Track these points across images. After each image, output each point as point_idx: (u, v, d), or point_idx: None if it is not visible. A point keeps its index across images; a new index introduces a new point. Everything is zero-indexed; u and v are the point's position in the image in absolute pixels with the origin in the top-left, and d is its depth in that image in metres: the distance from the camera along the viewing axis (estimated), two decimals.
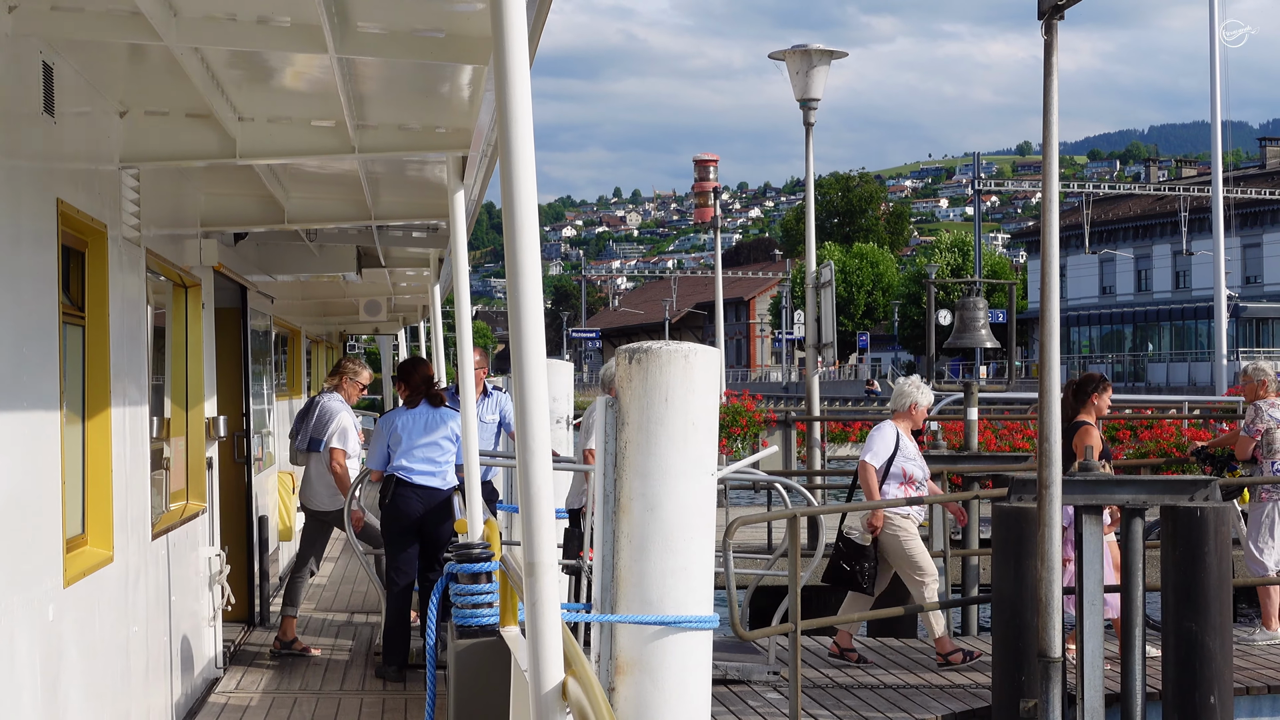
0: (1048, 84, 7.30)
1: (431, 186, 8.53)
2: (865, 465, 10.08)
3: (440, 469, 9.49)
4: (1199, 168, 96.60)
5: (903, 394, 10.39)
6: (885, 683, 9.54)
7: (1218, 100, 26.11)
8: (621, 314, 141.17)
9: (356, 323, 21.00)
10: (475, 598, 6.63)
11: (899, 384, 10.69)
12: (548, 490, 3.55)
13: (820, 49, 14.73)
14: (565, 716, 3.56)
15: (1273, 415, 10.66)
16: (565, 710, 3.55)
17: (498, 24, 3.37)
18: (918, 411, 10.36)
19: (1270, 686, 9.33)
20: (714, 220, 27.04)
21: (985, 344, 13.20)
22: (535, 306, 3.47)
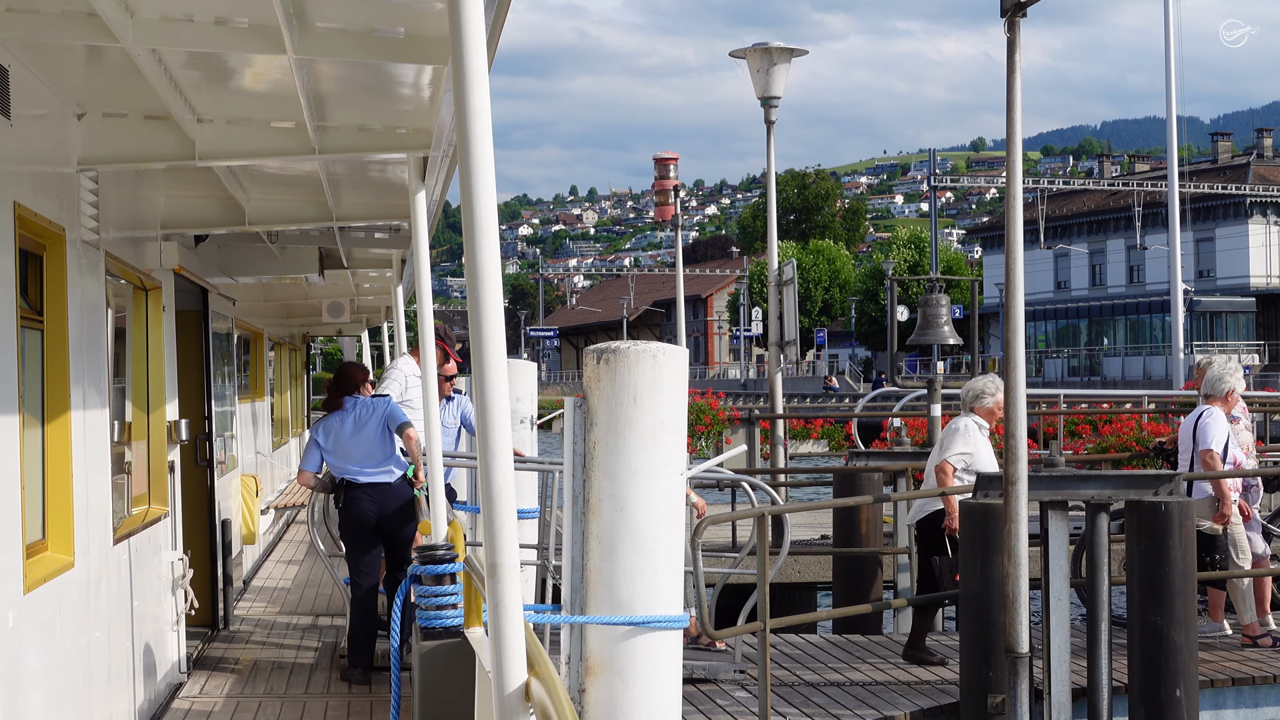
0: (1011, 80, 7.31)
1: (393, 187, 8.49)
2: (1213, 454, 10.23)
3: (382, 462, 9.47)
4: (1152, 163, 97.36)
5: (1222, 380, 10.50)
6: (853, 680, 9.55)
7: (1173, 97, 26.31)
8: (579, 312, 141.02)
9: (320, 324, 20.92)
10: (439, 599, 6.61)
11: (1214, 369, 10.76)
12: (509, 490, 3.53)
13: (780, 47, 14.73)
14: (529, 717, 3.55)
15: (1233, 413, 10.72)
16: (529, 711, 3.54)
17: (455, 23, 3.35)
18: (1233, 398, 10.55)
19: (1235, 679, 9.39)
20: (675, 218, 27.03)
21: (948, 340, 13.23)
22: (495, 306, 3.46)
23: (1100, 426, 17.41)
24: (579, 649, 4.79)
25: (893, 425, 15.87)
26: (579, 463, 4.77)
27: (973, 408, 10.21)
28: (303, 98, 5.84)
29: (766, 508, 8.81)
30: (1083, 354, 79.65)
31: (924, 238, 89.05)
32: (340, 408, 9.63)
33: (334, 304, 17.35)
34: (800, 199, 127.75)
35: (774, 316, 14.02)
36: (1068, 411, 20.42)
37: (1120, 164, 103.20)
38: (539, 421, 11.54)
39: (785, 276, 13.96)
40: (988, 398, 10.17)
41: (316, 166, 7.56)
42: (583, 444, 4.75)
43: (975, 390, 10.27)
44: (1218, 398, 10.49)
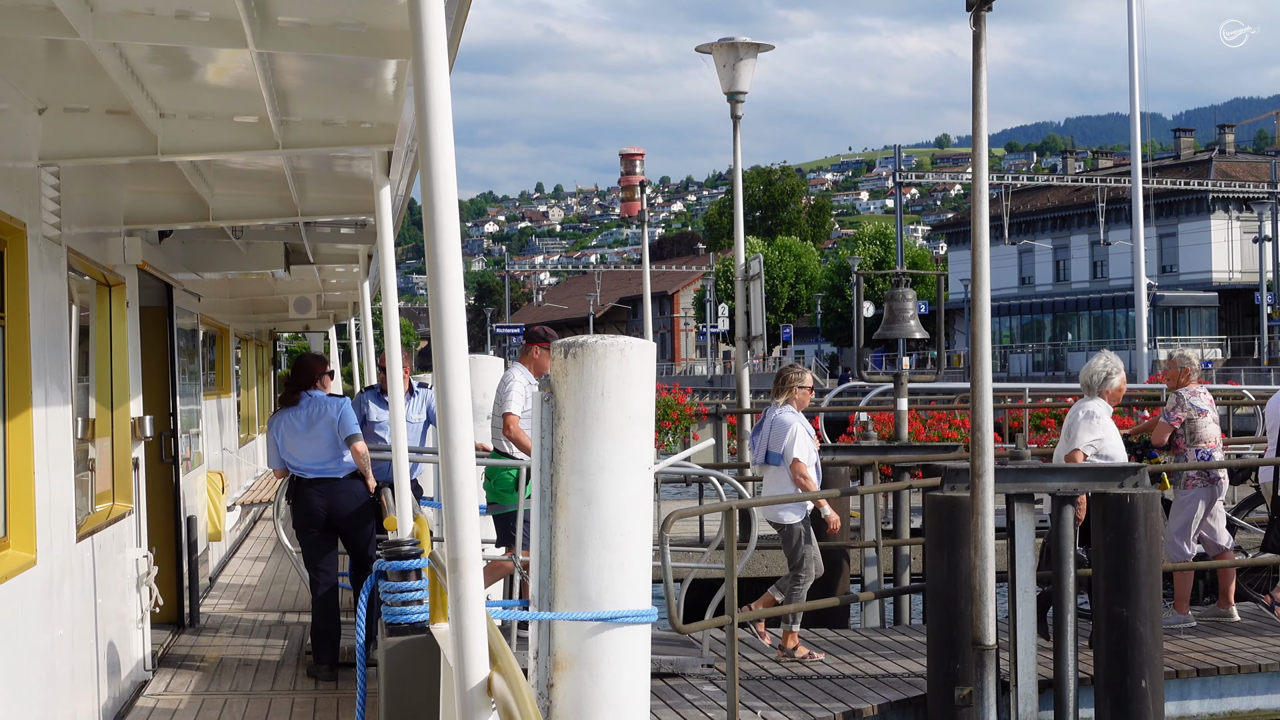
0: (976, 75, 7.33)
1: (359, 182, 8.45)
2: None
3: (331, 459, 9.45)
4: (1115, 159, 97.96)
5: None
6: (820, 673, 9.56)
7: (1137, 93, 26.45)
8: (546, 309, 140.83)
9: (286, 320, 20.83)
10: (405, 595, 6.60)
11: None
12: (471, 485, 3.55)
13: (747, 42, 14.74)
14: (491, 712, 3.55)
15: (1194, 403, 10.76)
16: (491, 706, 3.54)
17: (415, 18, 3.34)
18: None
19: (1199, 670, 9.45)
20: (641, 214, 27.01)
21: (914, 335, 13.26)
22: (456, 302, 3.47)
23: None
24: (547, 644, 4.78)
25: (859, 420, 15.93)
26: (547, 457, 4.76)
27: (1101, 391, 10.17)
28: (265, 92, 5.81)
29: (734, 502, 8.81)
30: (1047, 349, 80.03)
31: (889, 234, 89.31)
32: (295, 403, 9.60)
33: (300, 300, 17.28)
34: (766, 195, 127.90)
35: (741, 311, 14.03)
36: (1033, 405, 20.52)
37: (1084, 160, 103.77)
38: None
39: (752, 271, 13.97)
40: (1114, 378, 10.15)
41: (281, 161, 7.53)
42: (550, 438, 4.74)
43: (1102, 373, 10.23)
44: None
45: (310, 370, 9.73)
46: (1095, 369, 10.26)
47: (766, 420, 10.23)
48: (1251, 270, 72.73)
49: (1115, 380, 10.18)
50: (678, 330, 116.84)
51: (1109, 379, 10.18)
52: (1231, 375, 53.34)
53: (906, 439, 12.68)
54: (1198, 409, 10.68)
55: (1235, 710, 9.58)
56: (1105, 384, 10.18)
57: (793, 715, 8.50)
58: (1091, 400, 10.16)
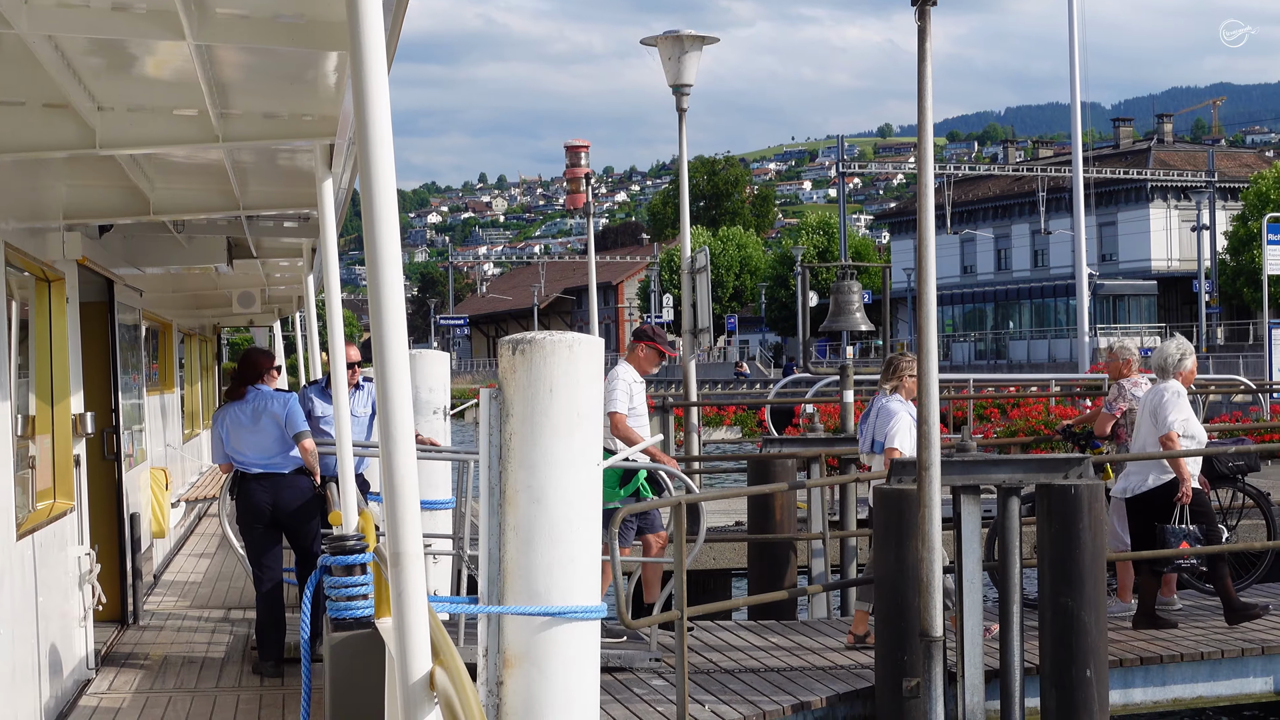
0: (921, 70, 7.34)
1: (302, 175, 8.37)
2: None
3: (277, 454, 9.39)
4: (1055, 148, 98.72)
5: None
6: (769, 666, 9.58)
7: (1077, 84, 26.64)
8: (490, 300, 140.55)
9: (230, 315, 20.69)
10: (350, 590, 6.56)
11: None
12: (412, 480, 3.56)
13: (692, 35, 14.73)
14: (433, 706, 3.55)
15: (1135, 394, 10.83)
16: (433, 700, 3.54)
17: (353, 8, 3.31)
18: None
19: (1143, 658, 9.53)
20: (587, 206, 26.99)
21: (860, 327, 13.31)
22: (396, 294, 3.47)
23: (1009, 410, 17.63)
24: (496, 641, 4.76)
25: (806, 411, 15.95)
26: (495, 454, 4.73)
27: (1176, 373, 10.29)
28: (204, 85, 5.74)
29: (683, 496, 8.80)
30: (989, 338, 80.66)
31: (833, 223, 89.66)
32: (241, 397, 9.52)
33: (244, 294, 17.15)
34: (710, 185, 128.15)
35: (687, 304, 14.02)
36: (977, 396, 20.64)
37: (1024, 149, 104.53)
38: (452, 411, 11.47)
39: (698, 264, 13.97)
40: (1187, 360, 10.29)
41: (222, 155, 7.44)
42: (499, 435, 4.72)
43: (1176, 355, 10.34)
44: None
45: (256, 365, 9.66)
46: (1169, 352, 10.41)
47: (874, 408, 10.19)
48: (1190, 259, 73.52)
49: (1188, 362, 10.37)
50: (622, 321, 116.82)
51: (1182, 360, 10.36)
52: None
53: (852, 431, 12.71)
54: (1139, 399, 10.76)
55: (1178, 698, 9.67)
56: (1179, 365, 10.35)
57: (742, 709, 8.51)
58: (1168, 381, 10.33)
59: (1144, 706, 9.66)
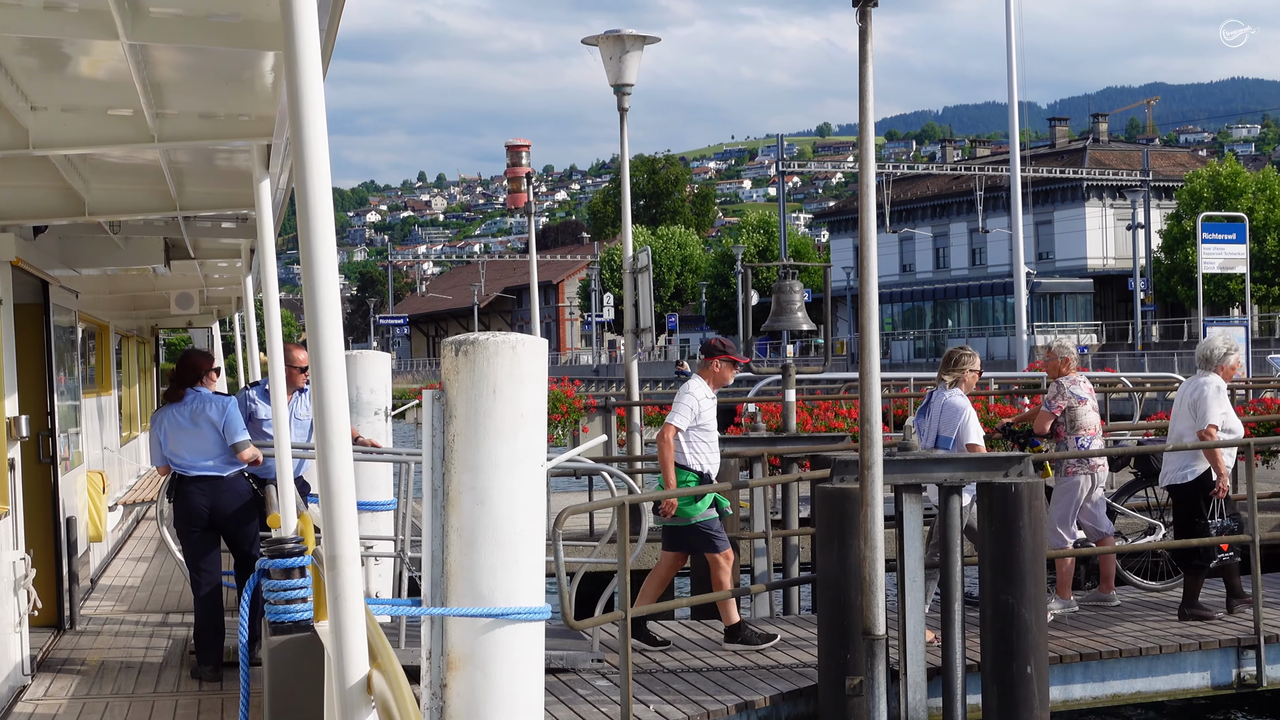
0: (863, 69, 7.37)
1: (239, 175, 8.30)
2: None
3: (215, 456, 9.31)
4: (992, 147, 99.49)
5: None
6: (712, 665, 9.58)
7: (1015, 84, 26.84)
8: (430, 300, 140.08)
9: (168, 316, 20.49)
10: (288, 593, 6.53)
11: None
12: (349, 482, 3.56)
13: (633, 34, 14.72)
14: (370, 710, 3.54)
15: (1074, 391, 10.91)
16: (370, 703, 3.53)
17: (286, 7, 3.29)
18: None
19: (1082, 654, 9.61)
20: (528, 206, 26.95)
21: (802, 326, 13.34)
22: (331, 294, 3.47)
23: None
24: (440, 643, 4.74)
25: (747, 410, 15.98)
26: (438, 455, 4.71)
27: (1218, 366, 10.42)
28: (139, 85, 5.68)
29: (628, 496, 8.79)
30: (928, 336, 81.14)
31: (772, 222, 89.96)
32: (179, 399, 9.43)
33: (183, 295, 16.99)
34: (650, 184, 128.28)
35: (629, 304, 14.02)
36: (917, 394, 20.71)
37: (962, 149, 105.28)
38: (393, 412, 11.40)
39: (640, 264, 13.96)
40: (1232, 356, 10.42)
41: (158, 155, 7.37)
42: (442, 437, 4.69)
43: (1222, 349, 10.49)
44: None
45: (195, 366, 9.56)
46: (1216, 345, 10.57)
47: (935, 403, 10.18)
48: (1125, 257, 74.29)
49: (1232, 358, 10.51)
50: (562, 320, 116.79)
51: (1227, 355, 10.52)
52: (1107, 361, 54.41)
53: (794, 430, 12.74)
54: (1078, 397, 10.84)
55: (1118, 693, 9.76)
56: (1223, 360, 10.51)
57: (686, 708, 8.51)
58: (1209, 375, 10.47)
59: (1084, 702, 9.74)
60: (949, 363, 10.24)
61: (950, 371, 10.14)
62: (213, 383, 9.67)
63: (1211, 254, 31.02)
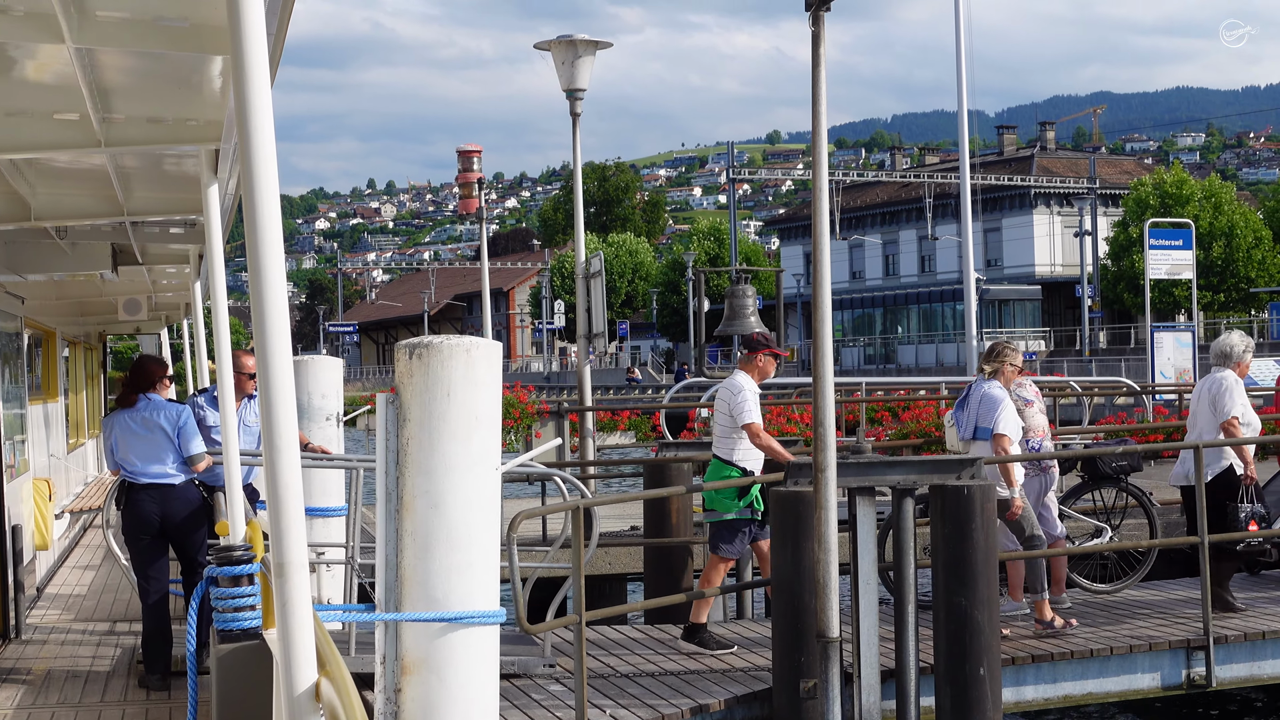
0: (816, 74, 7.39)
1: (188, 180, 8.23)
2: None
3: (167, 464, 9.22)
4: (941, 155, 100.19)
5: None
6: (667, 669, 9.57)
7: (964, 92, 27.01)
8: (379, 307, 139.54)
9: (116, 322, 20.31)
10: (237, 601, 6.49)
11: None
12: (296, 488, 3.54)
13: (585, 39, 14.72)
14: (319, 717, 3.52)
15: (1021, 395, 10.94)
16: (319, 712, 3.51)
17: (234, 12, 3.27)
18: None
19: (1034, 656, 9.65)
20: (480, 211, 26.87)
21: (755, 330, 13.37)
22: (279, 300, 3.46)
23: (900, 413, 17.80)
24: (394, 648, 4.71)
25: (700, 415, 16.00)
26: (392, 459, 4.68)
27: (1236, 364, 10.75)
28: (85, 89, 5.62)
29: (582, 501, 8.77)
30: (878, 342, 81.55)
31: (723, 229, 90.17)
32: (132, 405, 9.33)
33: (130, 301, 16.82)
34: (601, 191, 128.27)
35: (581, 309, 14.00)
36: (869, 399, 20.84)
37: (910, 156, 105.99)
38: (344, 418, 11.33)
39: (593, 269, 13.95)
40: (1248, 355, 10.81)
41: (105, 160, 7.30)
42: (395, 440, 4.66)
43: (1240, 346, 10.84)
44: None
45: (149, 373, 9.46)
46: (1234, 343, 10.89)
47: (975, 394, 10.33)
48: (1073, 264, 74.88)
49: (1248, 356, 10.89)
50: (513, 327, 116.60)
51: (1245, 353, 10.87)
52: (1055, 366, 54.85)
53: None
54: (1025, 400, 10.88)
55: (1069, 695, 9.81)
56: (1242, 357, 10.83)
57: (641, 713, 8.50)
58: (1225, 370, 10.79)
59: (1035, 703, 9.79)
60: (991, 354, 10.47)
61: (991, 362, 10.38)
62: (166, 390, 9.58)
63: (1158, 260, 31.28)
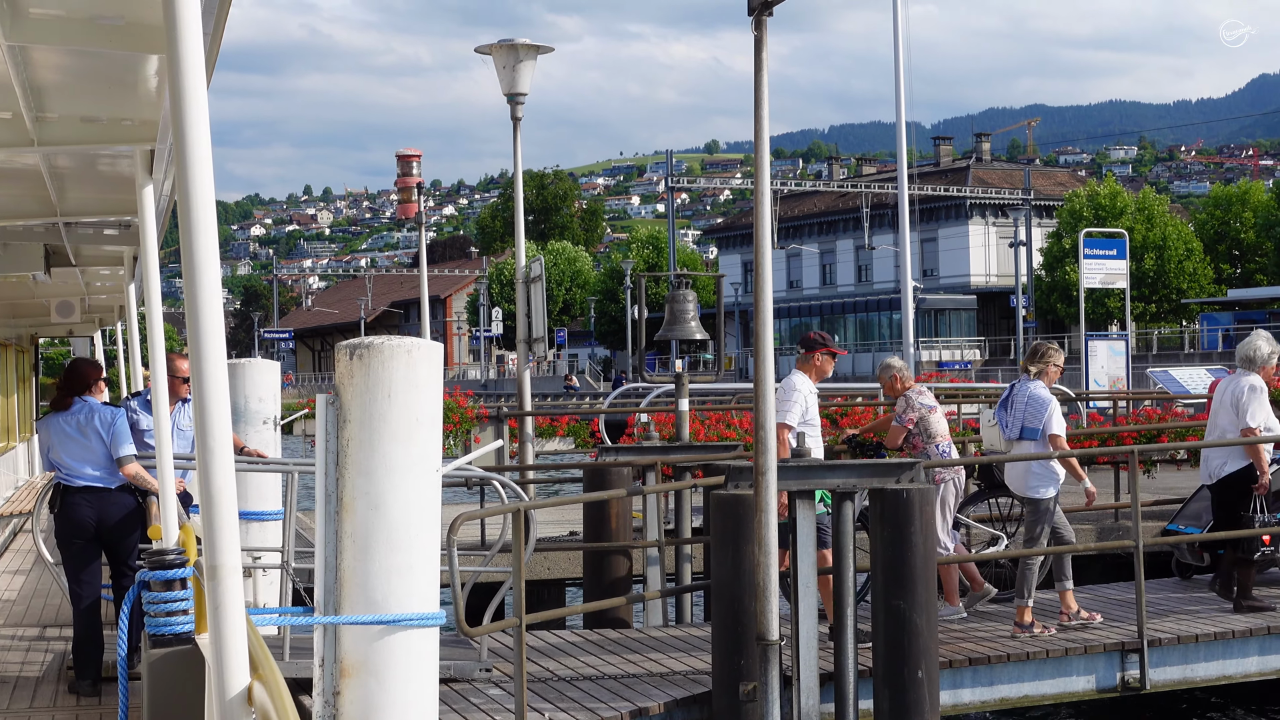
0: (758, 79, 7.41)
1: (123, 181, 8.14)
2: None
3: (102, 467, 9.12)
4: (878, 165, 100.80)
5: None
6: (606, 673, 9.55)
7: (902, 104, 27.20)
8: (315, 314, 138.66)
9: (48, 325, 20.07)
10: (169, 605, 6.42)
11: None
12: (230, 491, 3.52)
13: (526, 43, 14.71)
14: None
15: (922, 402, 10.94)
16: (251, 715, 3.48)
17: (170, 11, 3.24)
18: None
19: (971, 659, 9.71)
20: (419, 216, 26.76)
21: (695, 336, 13.38)
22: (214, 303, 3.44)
23: (839, 419, 17.86)
24: (333, 651, 4.66)
25: (640, 421, 15.99)
26: (332, 460, 4.64)
27: (1262, 367, 10.88)
28: (18, 87, 5.56)
29: (521, 504, 8.74)
30: None
31: (661, 237, 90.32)
32: (67, 408, 9.21)
33: (63, 303, 16.63)
34: (539, 200, 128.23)
35: (521, 314, 13.97)
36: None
37: (848, 167, 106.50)
38: (281, 422, 11.25)
39: (533, 274, 13.93)
40: (1275, 359, 10.93)
41: (38, 159, 7.20)
42: (335, 441, 4.62)
43: (1266, 350, 10.95)
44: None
45: (84, 375, 9.34)
46: (1261, 346, 11.03)
47: (1019, 394, 10.53)
48: (1007, 274, 75.57)
49: (1275, 360, 11.02)
50: (450, 334, 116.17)
51: (1271, 356, 11.00)
52: (990, 375, 55.32)
53: (687, 439, 12.77)
54: (927, 406, 10.91)
55: (1005, 697, 9.88)
56: (1268, 360, 10.97)
57: (580, 716, 8.48)
58: (1251, 374, 10.95)
59: (972, 706, 9.86)
60: (1034, 355, 10.66)
61: (1035, 364, 10.58)
62: (101, 393, 9.47)
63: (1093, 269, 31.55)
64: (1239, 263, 73.41)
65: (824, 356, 10.42)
